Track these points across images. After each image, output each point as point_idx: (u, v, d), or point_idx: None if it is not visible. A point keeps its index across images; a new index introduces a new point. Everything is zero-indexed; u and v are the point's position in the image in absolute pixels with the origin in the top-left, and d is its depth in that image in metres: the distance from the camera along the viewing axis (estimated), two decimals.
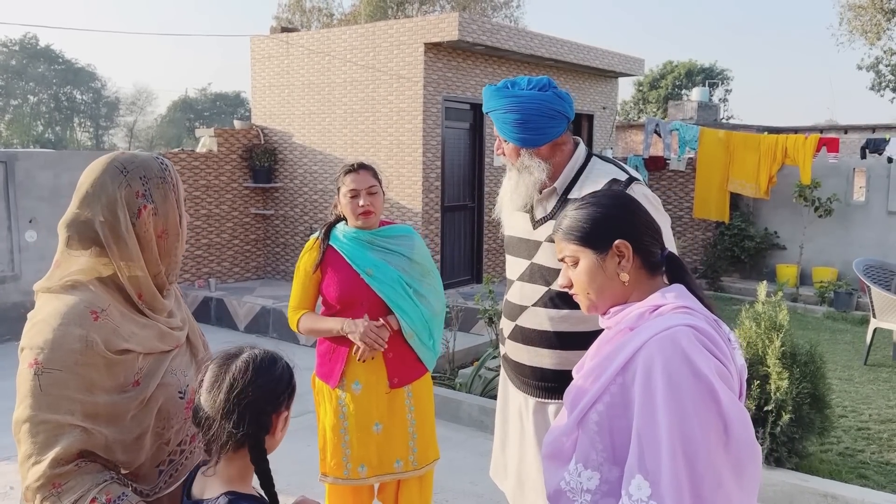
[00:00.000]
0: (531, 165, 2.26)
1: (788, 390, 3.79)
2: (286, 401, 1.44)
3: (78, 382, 1.42)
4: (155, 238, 1.56)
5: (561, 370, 2.24)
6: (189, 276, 8.94)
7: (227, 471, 1.42)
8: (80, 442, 1.41)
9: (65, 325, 1.43)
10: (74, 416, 1.41)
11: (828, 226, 9.64)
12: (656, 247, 1.53)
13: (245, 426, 1.37)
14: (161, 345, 1.56)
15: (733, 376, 1.40)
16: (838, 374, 6.04)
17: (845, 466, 4.18)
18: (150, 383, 1.51)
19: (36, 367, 1.41)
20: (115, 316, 1.49)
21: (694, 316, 1.41)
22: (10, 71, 45.56)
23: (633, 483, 1.30)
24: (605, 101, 11.09)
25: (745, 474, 1.32)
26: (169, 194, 1.59)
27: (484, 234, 9.16)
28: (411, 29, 8.20)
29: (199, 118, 49.98)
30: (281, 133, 9.51)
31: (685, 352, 1.32)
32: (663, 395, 1.29)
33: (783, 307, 4.02)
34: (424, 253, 2.89)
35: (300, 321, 2.84)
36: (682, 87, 36.52)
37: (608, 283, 1.50)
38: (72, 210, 1.55)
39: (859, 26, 23.63)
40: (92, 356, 1.43)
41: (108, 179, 1.53)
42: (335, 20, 29.52)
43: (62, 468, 1.40)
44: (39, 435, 1.40)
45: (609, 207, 1.53)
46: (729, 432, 1.30)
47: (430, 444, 2.85)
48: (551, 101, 2.24)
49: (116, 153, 1.60)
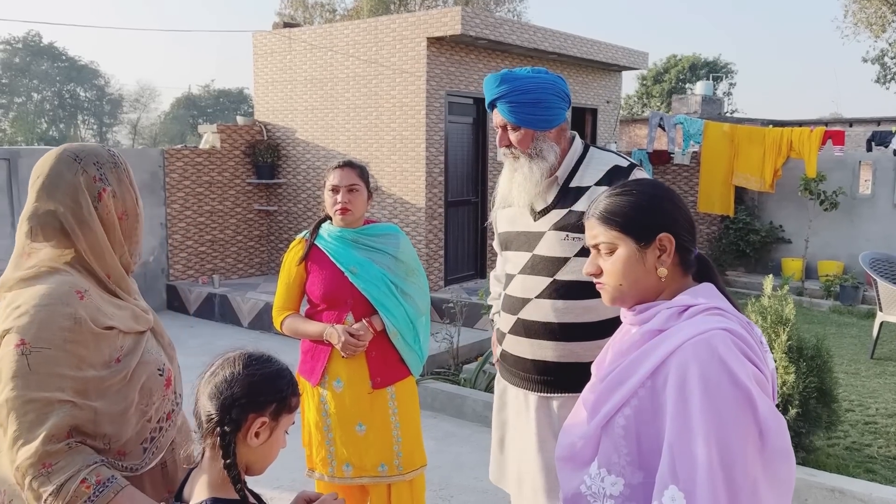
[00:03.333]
0: (545, 148, 2.23)
1: (795, 384, 3.77)
2: (271, 407, 1.40)
3: (68, 359, 1.43)
4: (117, 220, 1.61)
5: (564, 362, 2.21)
6: (193, 272, 8.94)
7: (211, 472, 1.40)
8: (71, 417, 1.42)
9: (52, 304, 1.44)
10: (65, 392, 1.42)
11: (833, 219, 9.59)
12: (692, 244, 1.46)
13: (216, 411, 1.35)
14: (136, 325, 1.60)
15: (768, 380, 1.35)
16: (845, 368, 6.01)
17: (852, 461, 4.16)
18: (131, 361, 1.54)
19: (23, 348, 1.41)
20: (95, 297, 1.53)
21: (728, 318, 1.34)
22: (14, 68, 45.62)
23: (666, 494, 1.23)
24: (608, 95, 11.04)
25: (779, 482, 1.27)
26: (123, 177, 1.63)
27: (488, 229, 9.13)
28: (414, 23, 8.16)
29: (202, 115, 49.96)
30: (284, 129, 9.49)
31: (722, 357, 1.26)
32: (700, 402, 1.23)
33: (789, 301, 4.00)
34: (410, 252, 2.87)
35: (284, 323, 2.85)
36: (686, 80, 36.39)
37: (644, 276, 1.42)
38: (31, 203, 1.57)
39: (864, 19, 23.51)
40: (81, 333, 1.45)
41: (64, 168, 1.57)
42: (338, 15, 29.48)
43: (54, 445, 1.39)
44: (28, 414, 1.39)
45: (655, 197, 1.45)
46: (765, 440, 1.25)
47: (415, 450, 2.83)
48: (559, 82, 2.26)
49: (63, 145, 1.64)
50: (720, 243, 10.27)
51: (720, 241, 10.28)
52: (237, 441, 1.37)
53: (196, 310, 8.41)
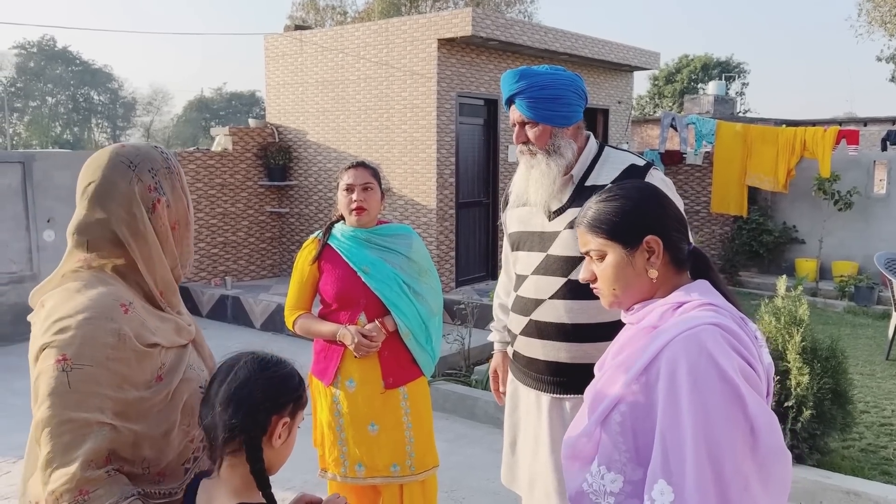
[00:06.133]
0: (563, 145, 2.22)
1: (809, 386, 3.74)
2: (289, 407, 1.40)
3: (109, 378, 1.35)
4: (170, 230, 1.53)
5: (577, 363, 2.20)
6: (205, 274, 8.98)
7: (232, 480, 1.38)
8: (109, 441, 1.33)
9: (95, 318, 1.36)
10: (104, 413, 1.33)
11: (848, 219, 9.51)
12: (684, 242, 1.47)
13: (240, 418, 1.34)
14: (179, 338, 1.53)
15: (760, 376, 1.34)
16: (860, 370, 5.96)
17: (868, 463, 4.12)
18: (173, 378, 1.47)
19: (63, 364, 1.32)
20: (139, 310, 1.45)
21: (719, 313, 1.35)
22: (29, 72, 46.06)
23: (655, 488, 1.25)
24: (620, 96, 11.01)
25: (771, 479, 1.27)
26: (175, 184, 1.55)
27: (499, 229, 9.12)
28: (424, 25, 8.17)
29: (214, 117, 50.28)
30: (295, 131, 9.53)
31: (710, 352, 1.27)
32: (688, 396, 1.25)
33: (803, 302, 3.97)
34: (423, 252, 2.88)
35: (296, 322, 2.85)
36: (699, 80, 36.23)
37: (635, 279, 1.45)
38: (81, 212, 1.48)
39: (878, 17, 23.32)
40: (124, 350, 1.37)
41: (118, 176, 1.47)
42: (349, 18, 29.56)
43: (93, 472, 1.31)
44: (65, 435, 1.31)
45: (639, 200, 1.47)
46: (755, 435, 1.25)
47: (428, 450, 2.83)
48: (577, 80, 2.26)
49: (115, 146, 1.53)
50: (733, 244, 10.21)
51: (733, 242, 10.22)
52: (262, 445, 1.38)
53: (209, 311, 8.45)
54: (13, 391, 5.65)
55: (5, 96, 44.72)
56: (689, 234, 1.51)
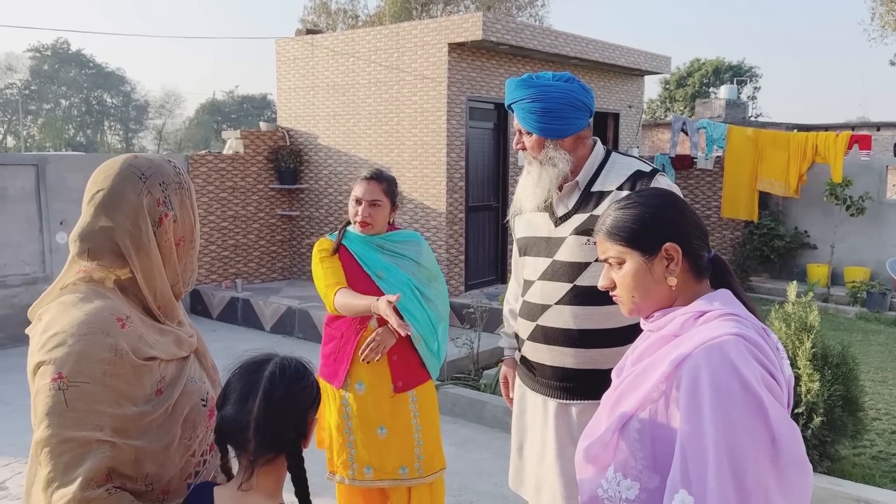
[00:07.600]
0: (555, 157, 2.24)
1: (820, 392, 3.72)
2: (315, 406, 1.42)
3: (107, 395, 1.32)
4: (174, 246, 1.51)
5: (583, 369, 2.21)
6: (216, 276, 9.03)
7: (266, 484, 1.37)
8: (109, 459, 1.31)
9: (91, 333, 1.33)
10: (103, 431, 1.31)
11: (860, 225, 9.45)
12: (704, 249, 1.46)
13: (289, 432, 1.34)
14: (179, 351, 1.50)
15: (782, 387, 1.34)
16: (871, 376, 5.91)
17: (879, 470, 4.09)
18: (174, 391, 1.44)
19: (59, 382, 1.30)
20: (137, 323, 1.42)
21: (742, 324, 1.34)
22: (43, 75, 46.45)
23: (676, 498, 1.24)
24: (630, 100, 10.99)
25: (792, 491, 1.26)
26: (185, 200, 1.53)
27: (509, 234, 9.10)
28: (435, 29, 8.19)
29: (226, 120, 50.53)
30: (306, 134, 9.56)
31: (733, 362, 1.26)
32: (710, 407, 1.24)
33: (814, 307, 3.95)
34: (431, 258, 2.93)
35: (336, 296, 2.72)
36: (710, 84, 36.10)
37: (654, 287, 1.44)
38: (86, 219, 1.46)
39: (892, 21, 23.15)
40: (121, 365, 1.34)
41: (128, 187, 1.46)
42: (360, 22, 29.64)
43: (93, 491, 1.29)
44: (64, 455, 1.29)
45: (658, 207, 1.46)
46: (778, 447, 1.24)
47: (436, 453, 2.85)
48: (576, 91, 2.25)
49: (128, 156, 1.52)
50: (744, 249, 10.16)
51: (744, 247, 10.18)
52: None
53: (219, 314, 8.49)
54: (28, 392, 5.68)
55: (20, 99, 45.14)
56: (708, 241, 1.50)
